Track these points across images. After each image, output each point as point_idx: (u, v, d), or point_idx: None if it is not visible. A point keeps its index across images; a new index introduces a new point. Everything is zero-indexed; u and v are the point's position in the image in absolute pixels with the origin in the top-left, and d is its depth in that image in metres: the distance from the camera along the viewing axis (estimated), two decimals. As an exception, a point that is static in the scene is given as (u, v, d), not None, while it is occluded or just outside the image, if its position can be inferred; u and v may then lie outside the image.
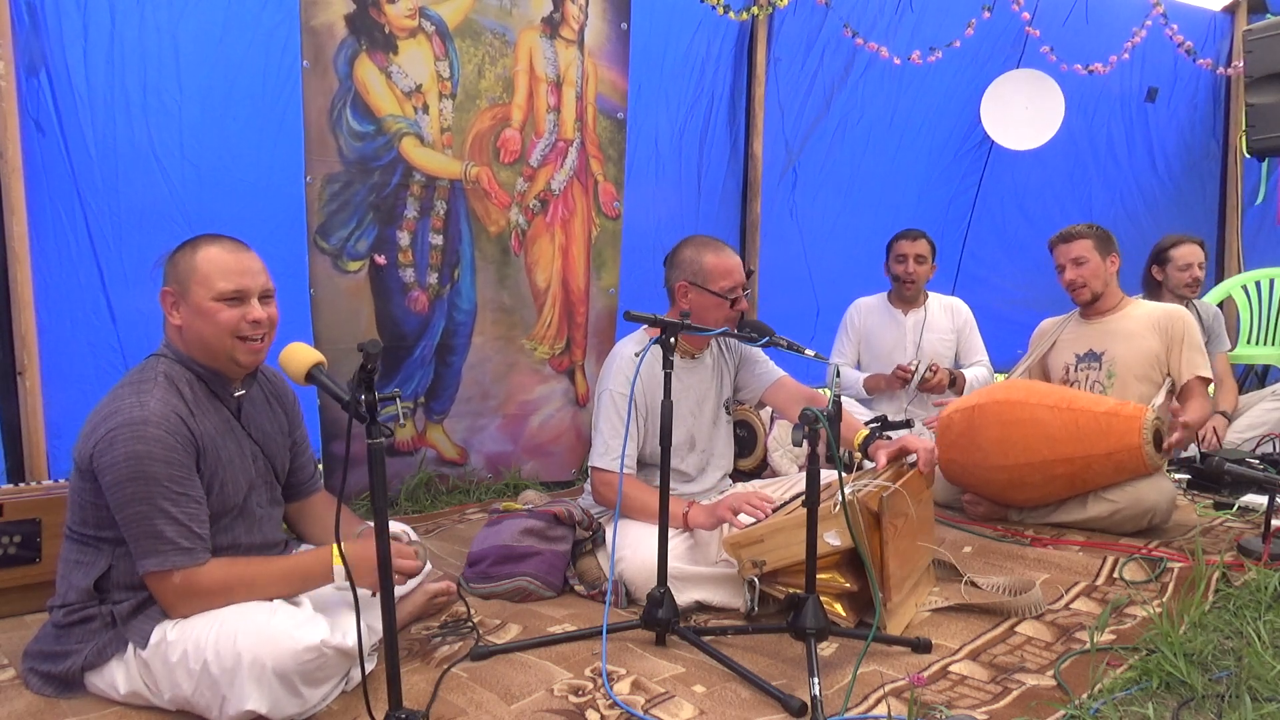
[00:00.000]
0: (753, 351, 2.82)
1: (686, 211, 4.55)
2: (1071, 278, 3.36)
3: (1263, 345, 5.13)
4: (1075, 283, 3.35)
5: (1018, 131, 5.00)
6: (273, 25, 3.21)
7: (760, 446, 3.72)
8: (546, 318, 3.74)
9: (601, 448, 2.55)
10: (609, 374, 2.62)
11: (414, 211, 3.37)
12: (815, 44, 4.69)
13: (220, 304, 1.87)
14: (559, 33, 3.61)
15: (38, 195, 2.93)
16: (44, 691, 1.89)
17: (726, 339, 2.76)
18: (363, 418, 1.56)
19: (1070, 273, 3.36)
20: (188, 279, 1.88)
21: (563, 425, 3.86)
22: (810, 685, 1.82)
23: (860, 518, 2.11)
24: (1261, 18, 5.50)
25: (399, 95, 3.28)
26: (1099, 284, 3.34)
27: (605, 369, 2.68)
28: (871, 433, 2.50)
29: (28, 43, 2.85)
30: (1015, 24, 5.05)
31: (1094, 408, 2.91)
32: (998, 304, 5.36)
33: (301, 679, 1.74)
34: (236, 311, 1.88)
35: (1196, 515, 3.18)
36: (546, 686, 1.95)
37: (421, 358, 3.49)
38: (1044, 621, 2.28)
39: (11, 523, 2.32)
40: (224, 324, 1.87)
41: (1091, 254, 3.32)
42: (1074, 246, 3.35)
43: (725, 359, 2.80)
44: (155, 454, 1.76)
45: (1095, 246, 3.33)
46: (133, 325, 3.09)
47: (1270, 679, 1.89)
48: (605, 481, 2.54)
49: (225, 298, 1.87)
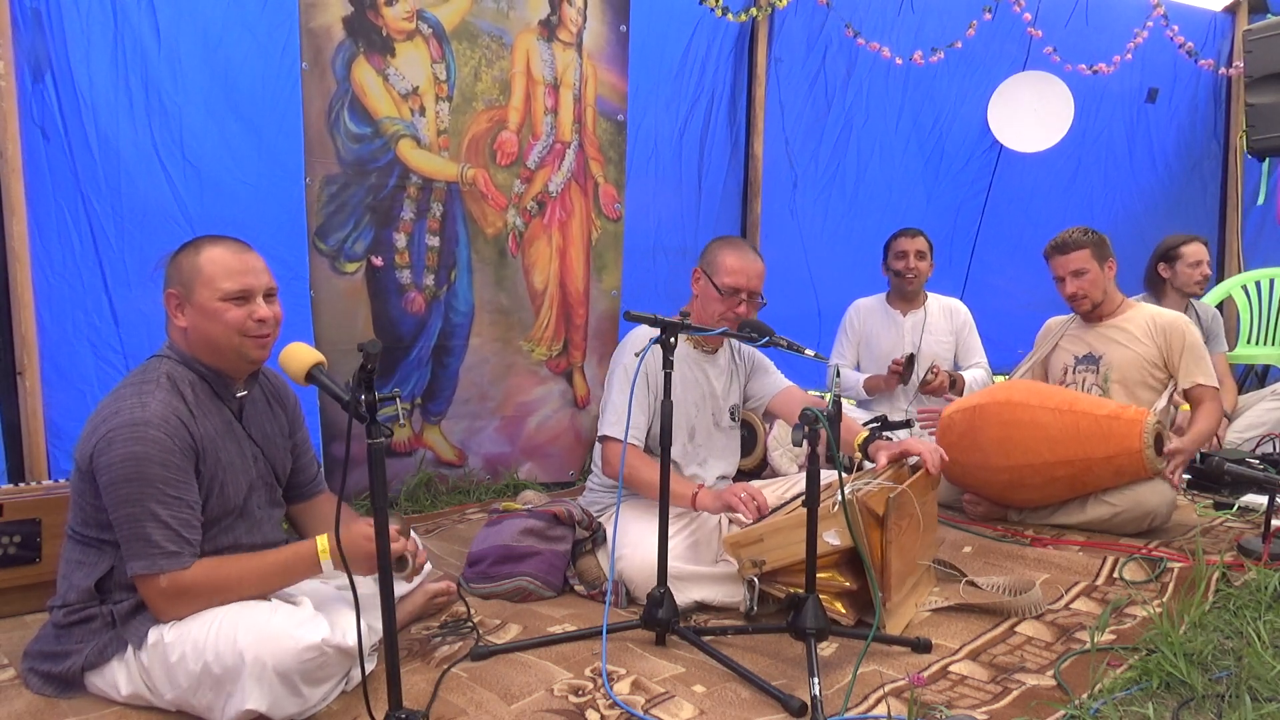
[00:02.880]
0: (763, 360, 2.84)
1: (687, 212, 4.55)
2: (1073, 291, 3.28)
3: (1263, 345, 5.13)
4: (1076, 295, 3.29)
5: (1026, 134, 4.98)
6: (272, 26, 3.21)
7: (760, 446, 3.72)
8: (544, 319, 3.75)
9: (613, 417, 2.56)
10: (625, 350, 2.65)
11: (410, 213, 3.38)
12: (817, 44, 4.69)
13: (226, 304, 1.88)
14: (556, 35, 3.61)
15: (42, 196, 2.93)
16: (44, 691, 1.89)
17: (740, 345, 2.78)
18: (363, 418, 1.57)
19: (1071, 286, 3.28)
20: (192, 280, 1.88)
21: (560, 426, 3.86)
22: (810, 685, 1.82)
23: (860, 517, 2.11)
24: (1262, 18, 5.50)
25: (396, 97, 3.29)
26: (1098, 293, 3.29)
27: (622, 345, 2.72)
28: (871, 433, 2.50)
29: (33, 46, 2.86)
30: (1017, 25, 5.05)
31: (1095, 410, 2.91)
32: (1008, 309, 5.34)
33: (302, 678, 1.74)
34: (242, 310, 1.89)
35: (1196, 515, 3.18)
36: (546, 686, 1.95)
37: (418, 359, 3.49)
38: (1044, 621, 2.28)
39: (11, 523, 2.32)
40: (231, 323, 1.88)
41: (1090, 263, 3.25)
42: (1072, 259, 3.27)
43: (737, 364, 2.81)
44: (153, 456, 1.76)
45: (1093, 255, 3.26)
46: (135, 326, 3.09)
47: (1270, 679, 1.89)
48: (615, 452, 2.55)
49: (231, 297, 1.88)
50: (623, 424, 2.49)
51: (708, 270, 2.61)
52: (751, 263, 2.60)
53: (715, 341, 2.72)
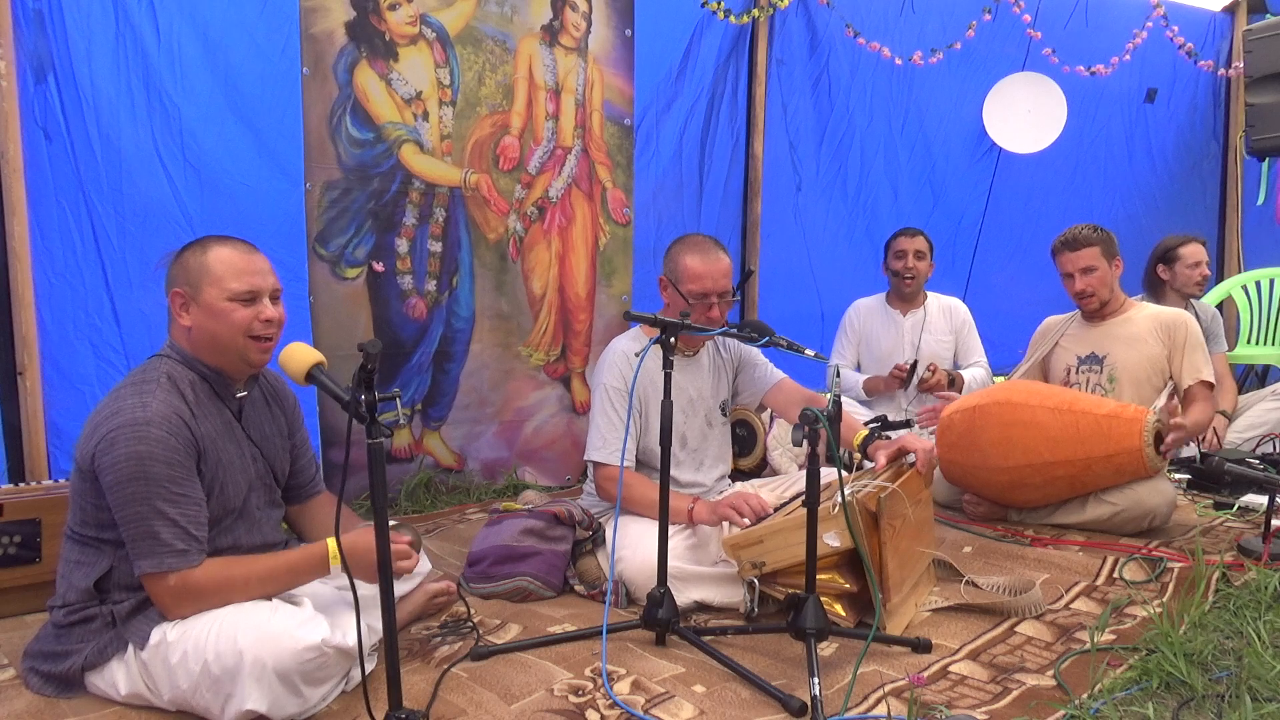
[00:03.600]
0: (752, 354, 2.80)
1: (688, 213, 4.55)
2: (1082, 288, 3.26)
3: (1263, 345, 5.13)
4: (1085, 293, 3.27)
5: (1020, 134, 4.99)
6: (271, 29, 3.21)
7: (760, 446, 3.72)
8: (542, 325, 3.75)
9: (598, 441, 2.55)
10: (603, 369, 2.62)
11: (413, 219, 3.38)
12: (818, 44, 4.70)
13: (234, 304, 1.89)
14: (558, 40, 3.62)
15: (43, 196, 2.94)
16: (44, 691, 1.89)
17: (724, 340, 2.75)
18: (362, 418, 1.57)
19: (1080, 282, 3.26)
20: (200, 280, 1.89)
21: (557, 431, 3.86)
22: (810, 685, 1.82)
23: (860, 518, 2.11)
24: (1261, 18, 5.50)
25: (399, 102, 3.29)
26: (1106, 291, 3.27)
27: (600, 364, 2.68)
28: (871, 433, 2.50)
29: (35, 47, 2.87)
30: (1017, 26, 5.05)
31: (1095, 410, 2.90)
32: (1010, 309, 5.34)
33: (302, 679, 1.74)
34: (250, 311, 1.90)
35: (1196, 515, 3.18)
36: (546, 686, 1.95)
37: (419, 364, 3.49)
38: (1044, 621, 2.28)
39: (11, 523, 2.32)
40: (238, 324, 1.89)
41: (1099, 261, 3.23)
42: (1082, 255, 3.24)
43: (723, 360, 2.78)
44: (156, 455, 1.76)
45: (1102, 253, 3.23)
46: (136, 326, 3.09)
47: (1270, 679, 1.89)
48: (607, 476, 2.55)
49: (239, 298, 1.89)
50: (608, 448, 2.49)
51: (672, 279, 2.53)
52: (715, 262, 2.50)
53: (694, 344, 2.67)
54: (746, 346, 2.76)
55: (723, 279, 2.50)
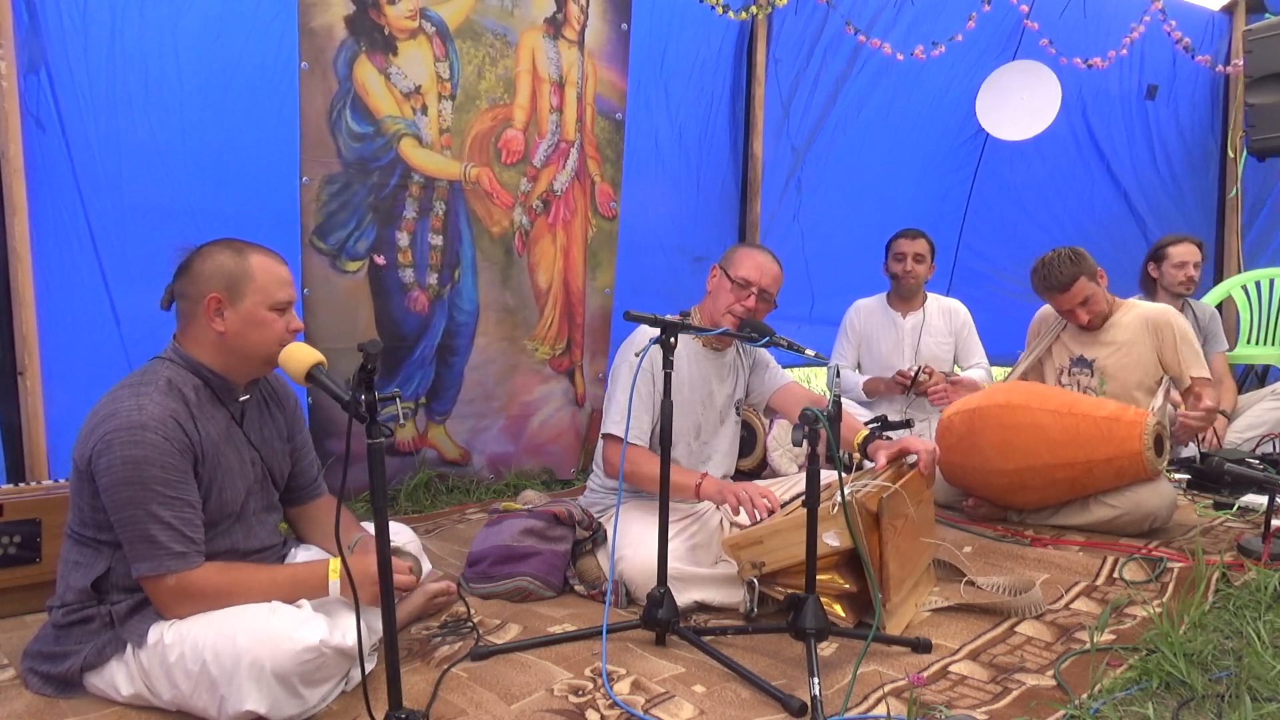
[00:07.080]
0: (764, 356, 2.85)
1: (685, 211, 4.54)
2: (1088, 318, 3.30)
3: (1263, 345, 5.12)
4: (1093, 322, 3.31)
5: (1012, 122, 4.97)
6: (268, 20, 3.19)
7: (760, 446, 3.72)
8: (548, 318, 3.75)
9: (616, 415, 2.57)
10: (629, 348, 2.65)
11: (413, 212, 3.37)
12: (818, 42, 4.69)
13: (274, 314, 1.90)
14: (561, 33, 3.61)
15: (39, 194, 2.92)
16: (44, 691, 1.89)
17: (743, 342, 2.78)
18: (362, 418, 1.56)
19: (1083, 315, 3.30)
20: (242, 285, 1.88)
21: (562, 425, 3.86)
22: (810, 685, 1.82)
23: (859, 518, 2.11)
24: (1260, 18, 5.49)
25: (398, 96, 3.28)
26: (1104, 306, 3.32)
27: (626, 344, 2.71)
28: (871, 433, 2.51)
29: (27, 40, 2.85)
30: (1014, 16, 5.03)
31: (1095, 412, 2.90)
32: (995, 297, 5.36)
33: (301, 679, 1.74)
34: (283, 321, 1.92)
35: (1196, 515, 3.18)
36: (546, 686, 1.95)
37: (421, 358, 3.49)
38: (1044, 621, 2.28)
39: (11, 523, 2.32)
40: (277, 334, 1.91)
41: (1089, 287, 3.26)
42: (1074, 293, 3.25)
43: (741, 360, 2.82)
44: (151, 458, 1.76)
45: (1087, 278, 3.26)
46: (135, 325, 3.08)
47: (1270, 679, 1.89)
48: (617, 449, 2.55)
49: (279, 307, 1.91)
50: (624, 422, 2.49)
51: (725, 265, 2.64)
52: (769, 263, 2.63)
53: (725, 340, 2.72)
54: (760, 349, 2.81)
55: (770, 279, 2.61)
